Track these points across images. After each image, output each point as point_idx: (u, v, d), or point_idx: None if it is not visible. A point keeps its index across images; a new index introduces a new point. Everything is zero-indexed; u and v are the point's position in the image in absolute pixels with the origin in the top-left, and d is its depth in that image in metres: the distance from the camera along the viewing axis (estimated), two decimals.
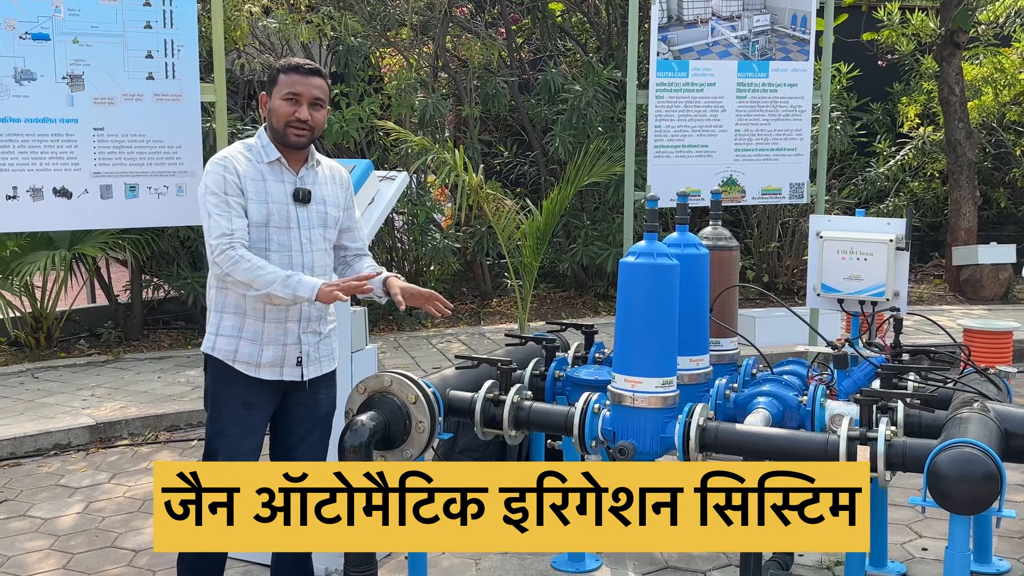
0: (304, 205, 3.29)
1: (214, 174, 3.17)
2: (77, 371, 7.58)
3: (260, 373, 3.25)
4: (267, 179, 3.23)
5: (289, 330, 3.27)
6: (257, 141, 3.29)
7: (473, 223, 9.75)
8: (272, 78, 3.28)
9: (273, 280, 3.09)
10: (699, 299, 3.47)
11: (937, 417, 3.19)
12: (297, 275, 3.13)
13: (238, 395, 3.25)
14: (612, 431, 3.10)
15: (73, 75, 4.50)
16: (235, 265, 3.09)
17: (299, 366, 3.31)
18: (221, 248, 3.10)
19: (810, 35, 6.42)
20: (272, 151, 3.26)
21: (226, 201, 3.14)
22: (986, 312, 9.55)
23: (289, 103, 3.21)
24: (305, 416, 3.40)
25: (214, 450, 3.27)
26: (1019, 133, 11.88)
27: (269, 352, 3.25)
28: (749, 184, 6.46)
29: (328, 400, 3.46)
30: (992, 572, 4.00)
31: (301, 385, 3.35)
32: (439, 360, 7.73)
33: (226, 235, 3.11)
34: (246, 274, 3.09)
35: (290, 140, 3.22)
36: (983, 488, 2.59)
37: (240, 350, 3.23)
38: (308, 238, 3.30)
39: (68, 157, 4.52)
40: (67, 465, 5.64)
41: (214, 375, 3.28)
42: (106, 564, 4.24)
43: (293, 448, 3.40)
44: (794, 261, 10.66)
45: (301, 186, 3.29)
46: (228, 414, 3.26)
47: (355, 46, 9.31)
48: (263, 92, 3.32)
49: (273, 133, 3.26)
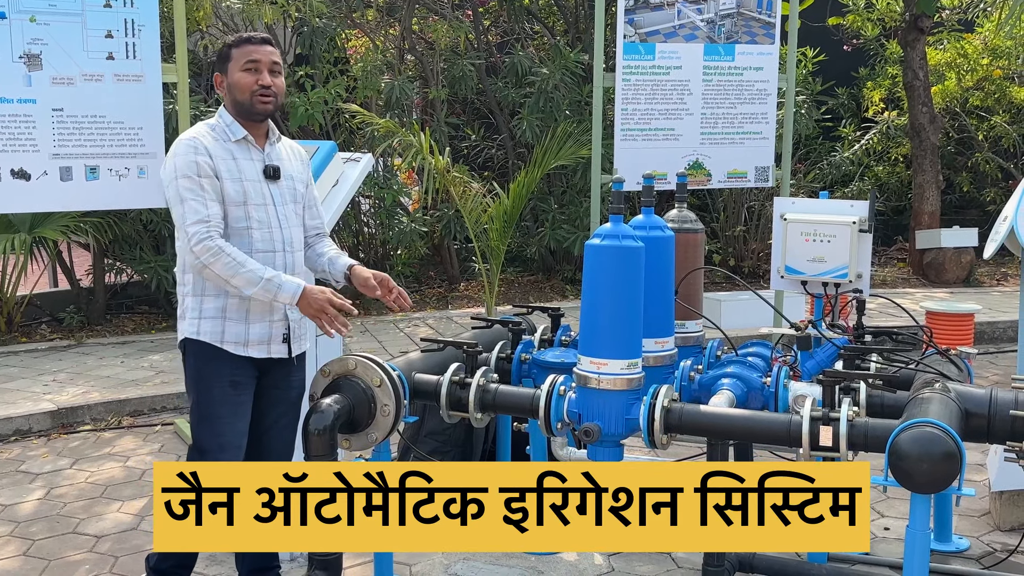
0: (275, 181, 3.28)
1: (184, 156, 3.12)
2: (38, 356, 7.49)
3: (249, 351, 3.23)
4: (237, 158, 3.21)
5: (275, 307, 3.26)
6: (220, 121, 3.25)
7: (440, 207, 9.71)
8: (224, 55, 3.26)
9: (254, 282, 3.07)
10: (664, 281, 3.48)
11: (899, 398, 3.23)
12: (278, 277, 3.11)
13: (225, 375, 3.22)
14: (578, 413, 3.10)
15: (31, 54, 4.41)
16: (215, 258, 3.06)
17: (285, 343, 3.31)
18: (199, 237, 3.05)
19: (776, 19, 6.44)
20: (238, 129, 3.23)
21: (200, 184, 3.10)
22: (948, 295, 9.67)
23: (250, 72, 3.20)
24: (279, 399, 3.39)
25: (207, 434, 3.23)
26: (982, 118, 12.00)
27: (256, 329, 3.23)
28: (715, 167, 6.48)
29: (300, 382, 3.46)
30: (952, 550, 4.05)
31: (281, 364, 3.33)
32: (406, 344, 7.71)
33: (203, 221, 3.07)
34: (226, 269, 3.06)
35: (257, 109, 3.21)
36: (943, 467, 2.62)
37: (227, 330, 3.20)
38: (284, 214, 3.30)
39: (26, 138, 4.44)
40: (28, 451, 5.57)
41: (198, 358, 3.24)
42: (68, 550, 4.20)
43: (266, 431, 3.38)
44: (760, 245, 10.73)
45: (270, 162, 3.27)
46: (218, 395, 3.22)
47: (320, 27, 9.22)
48: (216, 72, 3.29)
49: (237, 108, 3.23)
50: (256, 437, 3.37)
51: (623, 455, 3.19)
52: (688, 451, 4.73)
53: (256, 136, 3.27)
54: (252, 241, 3.20)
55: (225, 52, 3.26)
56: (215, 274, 3.08)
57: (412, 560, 4.01)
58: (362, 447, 3.33)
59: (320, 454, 3.11)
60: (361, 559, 4.01)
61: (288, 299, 3.12)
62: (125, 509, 4.64)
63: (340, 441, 3.24)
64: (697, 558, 3.92)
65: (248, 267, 3.08)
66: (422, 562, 3.98)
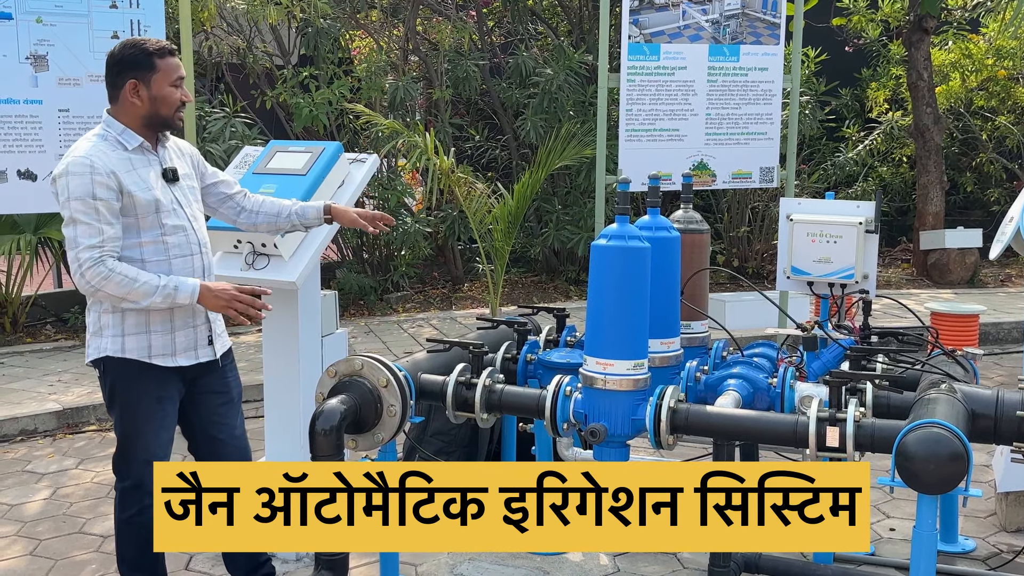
0: (175, 183, 3.22)
1: (79, 176, 2.98)
2: (43, 356, 7.49)
3: (177, 360, 3.19)
4: (137, 168, 3.12)
5: (197, 311, 3.22)
6: (110, 131, 3.13)
7: (444, 207, 9.72)
8: (145, 63, 3.12)
9: (150, 292, 3.00)
10: (670, 282, 3.48)
11: (905, 398, 3.22)
12: (173, 281, 3.05)
13: (151, 391, 3.18)
14: (584, 414, 3.10)
15: (37, 55, 4.43)
16: (106, 280, 2.97)
17: (210, 345, 3.28)
18: (91, 262, 2.96)
19: (780, 19, 6.44)
20: (133, 137, 3.13)
21: (95, 207, 2.98)
22: (953, 296, 9.66)
23: (177, 88, 3.17)
24: (220, 403, 3.37)
25: (134, 447, 3.19)
26: (986, 118, 11.98)
27: (181, 336, 3.19)
28: (720, 168, 6.48)
29: (236, 380, 3.44)
30: (958, 551, 4.05)
31: (208, 370, 3.30)
32: (411, 345, 7.71)
33: (96, 247, 2.97)
34: (120, 288, 2.98)
35: (174, 124, 3.19)
36: (950, 468, 2.62)
37: (153, 344, 3.15)
38: (192, 214, 3.26)
39: (33, 139, 4.45)
40: (33, 451, 5.57)
41: (121, 376, 3.16)
42: (74, 550, 4.20)
43: (216, 436, 3.37)
44: (764, 245, 10.72)
45: (167, 165, 3.22)
46: (143, 412, 3.18)
47: (324, 28, 9.22)
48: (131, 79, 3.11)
49: (150, 119, 3.14)
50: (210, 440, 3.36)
51: (629, 455, 3.19)
52: (694, 452, 4.73)
53: (150, 141, 3.19)
54: (168, 247, 3.14)
55: (145, 60, 3.11)
56: (108, 295, 3.00)
57: (417, 560, 4.01)
58: (368, 447, 3.33)
59: (326, 454, 3.11)
60: (367, 559, 4.01)
61: (187, 299, 3.05)
62: None
63: (346, 441, 3.25)
64: (703, 558, 3.92)
65: (141, 279, 3.00)
66: (427, 562, 3.98)
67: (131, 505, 3.22)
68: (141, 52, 3.12)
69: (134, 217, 3.08)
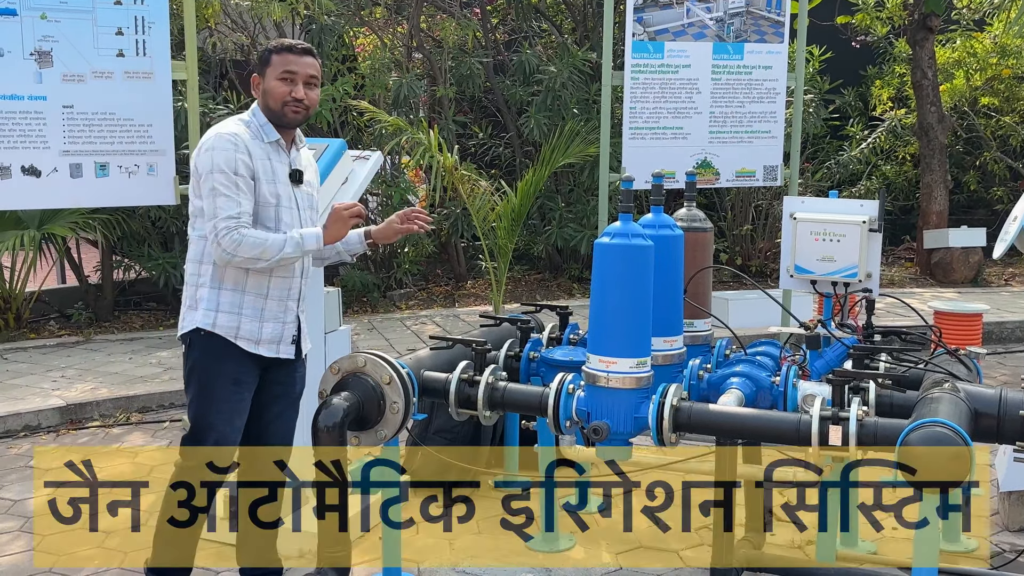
0: (298, 186, 3.34)
1: (224, 151, 3.15)
2: (47, 352, 7.51)
3: (259, 349, 3.27)
4: (271, 159, 3.26)
5: (289, 308, 3.32)
6: (254, 119, 3.29)
7: (448, 205, 9.72)
8: (264, 59, 3.30)
9: (280, 245, 3.15)
10: (673, 280, 3.48)
11: (908, 397, 3.22)
12: (295, 233, 3.20)
13: (229, 372, 3.25)
14: (586, 411, 3.10)
15: (41, 51, 4.42)
16: (239, 246, 3.11)
17: (293, 344, 3.35)
18: (226, 231, 3.10)
19: (785, 17, 6.42)
20: (272, 131, 3.27)
21: (235, 182, 3.14)
22: (956, 295, 9.65)
23: (284, 83, 3.24)
24: (281, 394, 3.41)
25: (204, 427, 3.24)
26: (990, 117, 11.96)
27: (268, 329, 3.27)
28: (723, 166, 6.47)
29: (303, 378, 3.50)
30: (961, 550, 4.05)
31: (285, 363, 3.36)
32: (413, 342, 7.72)
33: (233, 218, 3.12)
34: (253, 249, 3.12)
35: (288, 119, 3.26)
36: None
37: (242, 326, 3.23)
38: (305, 219, 3.37)
39: (37, 135, 4.44)
40: (37, 447, 5.58)
41: (205, 352, 3.25)
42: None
43: (267, 426, 3.40)
44: (767, 244, 10.71)
45: (295, 167, 3.33)
46: (220, 392, 3.24)
47: (328, 25, 9.22)
48: (255, 74, 3.33)
49: (269, 113, 3.28)
50: (257, 431, 3.40)
51: (632, 454, 3.20)
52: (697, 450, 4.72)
53: (286, 140, 3.33)
54: None
55: (266, 56, 3.30)
56: (244, 259, 3.12)
57: (420, 557, 4.01)
58: (371, 444, 3.34)
59: None
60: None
61: (315, 244, 3.21)
62: None
63: (349, 438, 3.25)
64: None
65: (270, 238, 3.16)
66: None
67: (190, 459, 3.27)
68: (266, 50, 3.32)
69: (255, 205, 3.20)
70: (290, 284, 3.30)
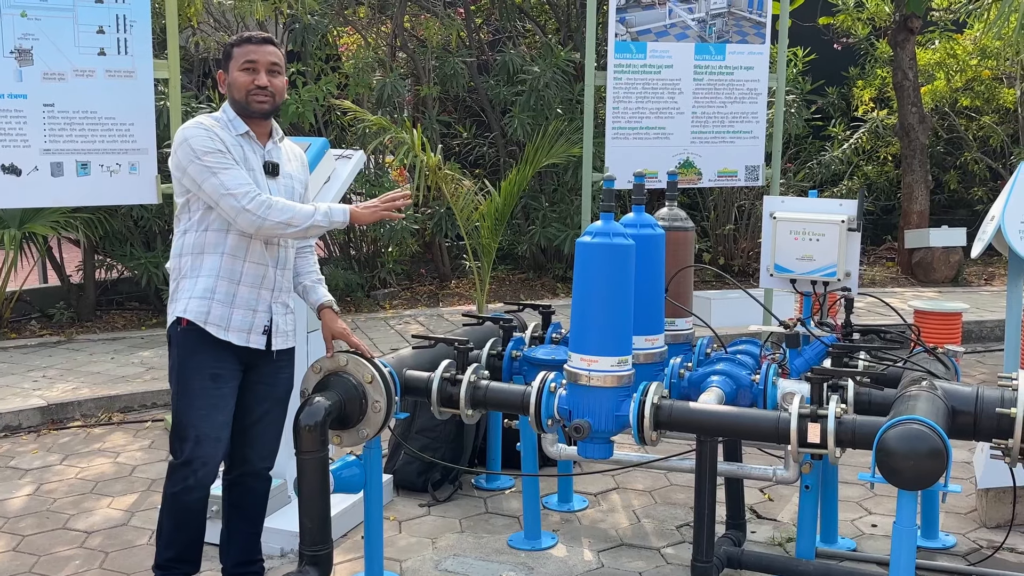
0: (273, 178, 3.32)
1: (200, 137, 3.15)
2: (28, 352, 7.47)
3: (229, 336, 3.24)
4: (244, 148, 3.26)
5: (262, 296, 3.29)
6: (224, 115, 3.30)
7: (431, 204, 9.72)
8: (226, 54, 3.31)
9: (310, 213, 3.18)
10: (655, 279, 3.50)
11: (887, 395, 3.25)
12: (324, 204, 3.24)
13: (205, 366, 3.23)
14: (568, 410, 3.12)
15: (21, 49, 4.41)
16: (271, 209, 3.13)
17: (264, 335, 3.31)
18: (251, 196, 3.12)
19: (766, 18, 6.46)
20: (240, 124, 3.27)
21: (225, 157, 3.15)
22: (937, 294, 9.71)
23: (247, 72, 3.24)
24: (266, 394, 3.39)
25: (185, 424, 3.24)
26: (971, 118, 12.05)
27: (239, 315, 3.25)
28: (705, 166, 6.50)
29: (288, 379, 3.46)
30: (938, 547, 4.08)
31: (266, 359, 3.33)
32: (397, 341, 7.72)
33: (245, 184, 3.13)
34: (283, 214, 3.14)
35: (253, 108, 3.26)
36: (930, 464, 2.65)
37: (212, 311, 3.22)
38: None
39: (17, 133, 4.43)
40: (17, 447, 5.56)
41: (181, 347, 3.25)
42: (57, 546, 4.19)
43: (252, 425, 3.38)
44: (749, 243, 10.76)
45: (270, 159, 3.32)
46: (198, 387, 3.23)
47: (312, 24, 9.21)
48: (220, 71, 3.33)
49: (237, 106, 3.28)
50: (242, 431, 3.38)
51: (613, 452, 3.21)
52: (677, 448, 4.75)
53: (258, 134, 3.31)
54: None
55: (228, 51, 3.30)
56: (274, 223, 3.13)
57: (402, 556, 4.02)
58: (353, 443, 3.35)
59: (311, 450, 3.13)
60: (351, 555, 4.02)
61: (342, 217, 3.24)
62: (115, 505, 4.64)
63: (331, 437, 3.26)
64: (686, 554, 3.95)
65: (299, 206, 3.20)
66: (412, 558, 3.99)
67: (177, 482, 3.26)
68: (227, 45, 3.33)
69: None
70: (264, 272, 3.27)
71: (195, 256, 3.24)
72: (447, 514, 4.46)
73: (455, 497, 4.64)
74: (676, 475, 4.87)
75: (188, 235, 3.26)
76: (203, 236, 3.23)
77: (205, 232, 3.23)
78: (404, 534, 4.24)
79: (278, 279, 3.33)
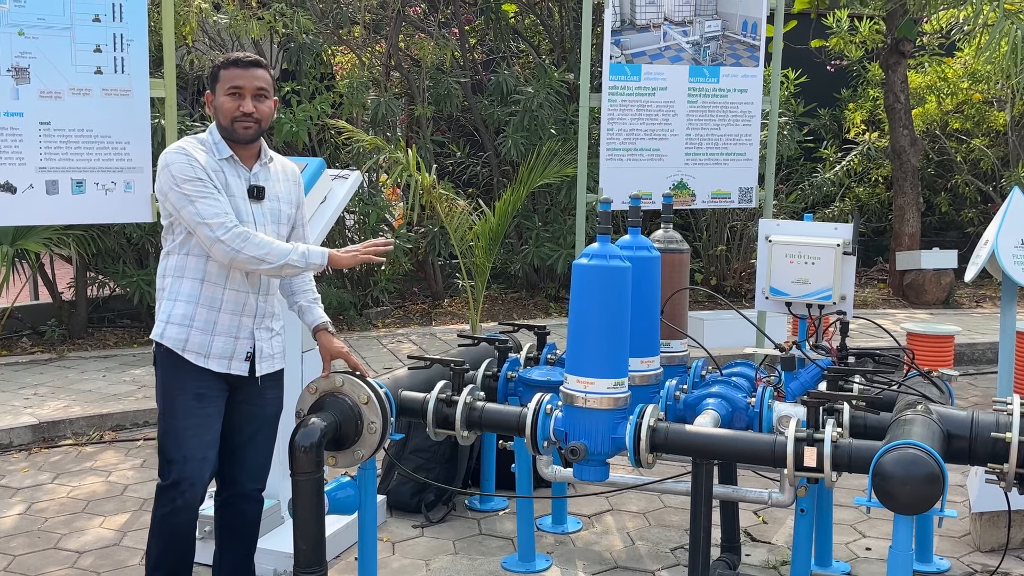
0: (258, 202, 3.28)
1: (180, 164, 3.12)
2: (19, 369, 7.44)
3: (208, 364, 3.21)
4: (226, 173, 3.22)
5: (243, 324, 3.25)
6: (209, 137, 3.27)
7: (425, 223, 9.72)
8: (214, 75, 3.27)
9: (286, 252, 3.13)
10: (651, 301, 3.50)
11: (882, 419, 3.26)
12: (303, 246, 3.19)
13: (189, 387, 3.20)
14: (564, 432, 3.12)
15: (19, 68, 4.41)
16: (246, 242, 3.08)
17: (247, 361, 3.28)
18: (226, 227, 3.07)
19: (760, 41, 6.51)
20: (224, 148, 3.24)
21: (205, 184, 3.11)
22: (928, 316, 9.74)
23: (232, 98, 3.20)
24: (253, 415, 3.37)
25: (171, 444, 3.21)
26: (961, 141, 12.13)
27: (219, 343, 3.22)
28: (699, 188, 6.53)
29: (276, 399, 3.43)
30: (933, 571, 4.08)
31: (251, 382, 3.31)
32: (390, 360, 7.70)
33: (222, 214, 3.09)
34: (258, 249, 3.09)
35: (238, 134, 3.22)
36: (926, 489, 2.65)
37: (191, 339, 3.19)
38: (271, 234, 3.28)
39: (13, 151, 4.42)
40: (8, 465, 5.52)
41: (164, 367, 3.24)
42: (49, 565, 4.16)
43: (241, 447, 3.36)
44: (741, 264, 10.79)
45: (255, 183, 3.28)
46: (182, 407, 3.21)
47: (307, 43, 9.23)
48: (207, 91, 3.31)
49: (222, 130, 3.25)
50: (231, 451, 3.35)
51: (609, 474, 3.21)
52: (673, 470, 4.74)
53: (244, 157, 3.27)
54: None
55: (215, 72, 3.26)
56: (248, 257, 3.08)
57: None
58: (348, 464, 3.33)
59: (306, 471, 3.11)
60: (347, 573, 4.00)
61: (319, 260, 3.18)
62: (107, 524, 4.61)
63: (326, 458, 3.25)
64: (681, 572, 3.94)
65: (276, 243, 3.15)
66: None
67: (165, 503, 3.23)
68: (215, 66, 3.28)
69: None
70: (245, 299, 3.24)
71: (175, 279, 3.23)
72: (441, 535, 4.44)
73: (449, 518, 4.62)
74: (670, 497, 4.86)
75: (171, 257, 3.25)
76: (184, 260, 3.22)
77: (187, 256, 3.21)
78: (397, 555, 4.22)
79: (260, 305, 3.29)
